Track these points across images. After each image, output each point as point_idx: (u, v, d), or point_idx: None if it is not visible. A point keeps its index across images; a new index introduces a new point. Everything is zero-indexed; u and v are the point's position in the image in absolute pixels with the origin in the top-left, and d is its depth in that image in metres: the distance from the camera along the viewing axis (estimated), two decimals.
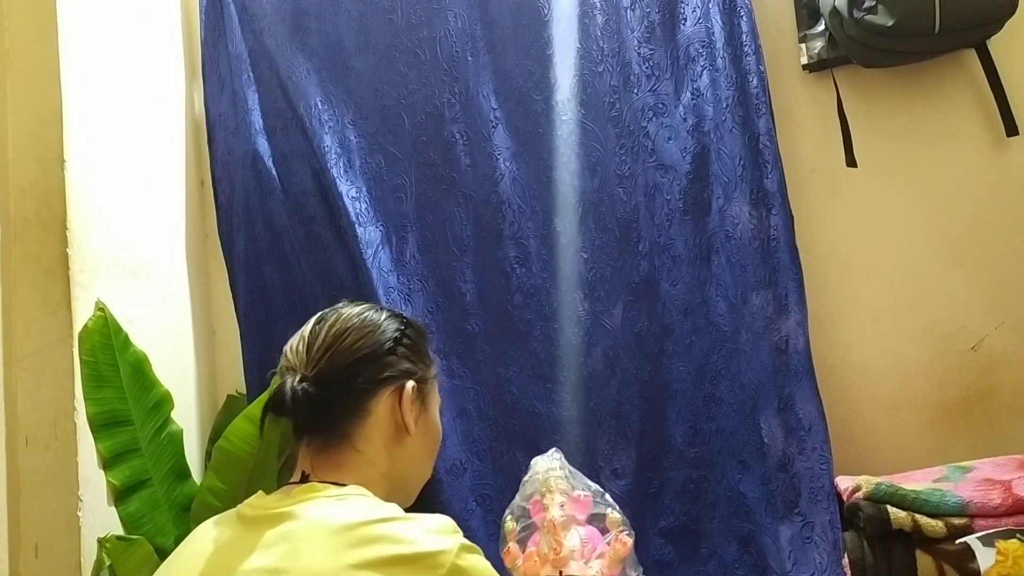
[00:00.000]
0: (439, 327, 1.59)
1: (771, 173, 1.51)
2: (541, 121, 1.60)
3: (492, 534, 1.50)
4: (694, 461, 1.51)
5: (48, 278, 1.33)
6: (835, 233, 1.60)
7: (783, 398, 1.48)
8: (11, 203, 1.34)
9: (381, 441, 0.96)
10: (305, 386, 0.91)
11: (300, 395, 0.90)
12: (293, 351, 0.97)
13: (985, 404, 1.52)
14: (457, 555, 0.81)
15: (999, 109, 1.51)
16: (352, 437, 0.94)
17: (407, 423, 0.98)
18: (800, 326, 1.49)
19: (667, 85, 1.57)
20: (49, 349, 1.32)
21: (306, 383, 0.91)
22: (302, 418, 0.92)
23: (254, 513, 0.88)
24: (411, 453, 1.01)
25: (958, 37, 1.45)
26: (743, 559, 1.46)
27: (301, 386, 0.90)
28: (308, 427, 0.94)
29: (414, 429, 0.99)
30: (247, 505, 0.91)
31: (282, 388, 0.91)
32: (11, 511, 1.27)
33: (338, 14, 1.71)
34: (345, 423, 0.94)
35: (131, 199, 1.55)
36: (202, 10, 1.78)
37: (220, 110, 1.75)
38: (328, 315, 1.01)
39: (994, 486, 1.28)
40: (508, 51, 1.63)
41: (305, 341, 0.97)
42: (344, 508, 0.85)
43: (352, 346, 0.96)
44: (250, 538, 0.83)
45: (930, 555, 1.23)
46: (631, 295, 1.55)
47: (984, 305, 1.53)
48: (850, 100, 1.58)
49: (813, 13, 1.59)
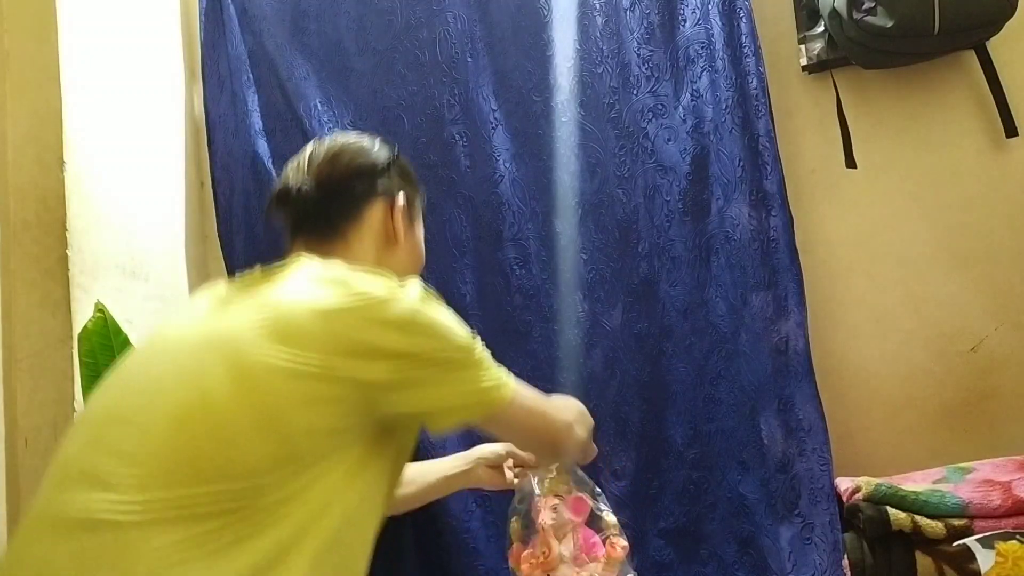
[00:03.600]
0: None
1: (771, 174, 1.51)
2: (541, 122, 1.60)
3: (492, 535, 1.50)
4: (694, 462, 1.51)
5: (48, 279, 1.33)
6: (835, 234, 1.60)
7: (783, 399, 1.48)
8: (11, 204, 1.34)
9: (372, 245, 1.02)
10: (306, 185, 1.01)
11: (303, 189, 1.01)
12: (293, 169, 1.05)
13: (985, 405, 1.52)
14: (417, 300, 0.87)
15: (998, 110, 1.51)
16: (346, 235, 1.01)
17: (396, 231, 1.04)
18: (800, 327, 1.49)
19: (667, 86, 1.57)
20: (49, 350, 1.31)
21: (307, 185, 1.01)
22: (301, 210, 1.01)
23: (239, 281, 0.94)
24: (397, 262, 1.04)
25: (957, 38, 1.45)
26: (743, 560, 1.46)
27: (303, 184, 1.01)
28: (305, 223, 1.02)
29: (402, 239, 1.05)
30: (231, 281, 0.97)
31: (286, 184, 1.02)
32: (11, 512, 1.27)
33: (338, 15, 1.71)
34: (340, 222, 1.01)
35: (131, 200, 1.55)
36: (202, 11, 1.78)
37: (220, 111, 1.75)
38: (324, 139, 1.09)
39: (994, 487, 1.27)
40: (508, 52, 1.63)
41: (306, 158, 1.05)
42: (326, 265, 0.92)
43: (350, 162, 1.05)
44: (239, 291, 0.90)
45: (930, 556, 1.23)
46: (631, 296, 1.55)
47: (984, 306, 1.53)
48: (850, 101, 1.58)
49: (812, 14, 1.59)
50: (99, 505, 0.72)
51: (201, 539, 0.71)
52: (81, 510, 0.73)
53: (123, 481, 0.73)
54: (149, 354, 0.89)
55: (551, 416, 0.97)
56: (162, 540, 0.70)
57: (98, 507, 0.72)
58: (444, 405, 0.87)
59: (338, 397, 0.80)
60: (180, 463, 0.74)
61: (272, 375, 0.78)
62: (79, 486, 0.75)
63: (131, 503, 0.72)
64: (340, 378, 0.80)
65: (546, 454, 1.00)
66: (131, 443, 0.76)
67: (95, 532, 0.71)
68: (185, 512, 0.72)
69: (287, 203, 1.03)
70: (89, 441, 0.80)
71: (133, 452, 0.75)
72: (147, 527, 0.71)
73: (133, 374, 0.87)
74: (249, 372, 0.78)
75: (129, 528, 0.71)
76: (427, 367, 0.85)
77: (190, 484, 0.73)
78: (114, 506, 0.72)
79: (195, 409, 0.77)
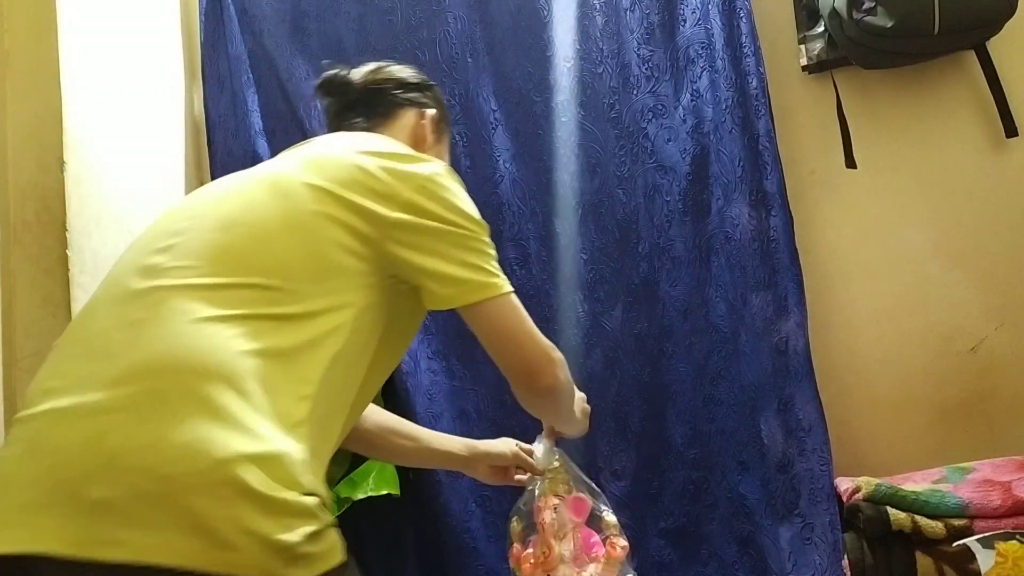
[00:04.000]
0: (439, 328, 1.59)
1: (771, 174, 1.51)
2: (541, 123, 1.60)
3: (492, 535, 1.50)
4: (694, 462, 1.51)
5: (48, 279, 1.33)
6: (835, 234, 1.60)
7: (783, 399, 1.48)
8: (11, 204, 1.34)
9: (402, 143, 1.05)
10: (351, 82, 1.12)
11: (347, 80, 1.12)
12: (342, 68, 1.15)
13: (984, 405, 1.52)
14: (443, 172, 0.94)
15: (998, 110, 1.51)
16: (379, 130, 1.08)
17: (425, 137, 1.11)
18: (800, 327, 1.49)
19: (667, 86, 1.57)
20: (48, 350, 1.31)
21: (351, 81, 1.12)
22: (343, 98, 1.12)
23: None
24: None
25: (957, 38, 1.45)
26: (743, 560, 1.46)
27: (348, 79, 1.12)
28: (344, 114, 1.11)
29: (429, 147, 1.10)
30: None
31: (333, 74, 1.13)
32: None
33: (338, 15, 1.71)
34: (376, 116, 1.10)
35: (131, 200, 1.55)
36: (202, 11, 1.78)
37: (220, 111, 1.75)
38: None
39: (994, 487, 1.28)
40: (508, 53, 1.63)
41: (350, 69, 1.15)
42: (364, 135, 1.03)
43: (391, 72, 1.15)
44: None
45: (930, 556, 1.23)
46: (631, 296, 1.55)
47: (983, 306, 1.53)
48: (849, 101, 1.58)
49: (812, 14, 1.59)
50: (147, 284, 0.81)
51: (232, 323, 0.78)
52: (132, 287, 0.82)
53: (172, 269, 0.81)
54: (189, 200, 0.98)
55: (538, 340, 0.95)
56: (196, 306, 0.78)
57: (146, 285, 0.81)
58: (444, 272, 0.89)
59: (355, 228, 0.87)
60: (224, 256, 0.82)
61: (303, 190, 0.87)
62: (132, 278, 0.83)
63: (178, 280, 0.80)
64: (358, 208, 0.87)
65: (519, 380, 0.95)
66: (180, 245, 0.84)
67: (142, 297, 0.80)
68: (222, 298, 0.79)
69: (330, 92, 1.14)
70: (138, 254, 0.87)
71: (182, 248, 0.84)
72: (186, 294, 0.79)
73: (175, 210, 0.94)
74: (285, 188, 0.88)
75: (172, 293, 0.79)
76: (437, 226, 0.90)
77: (231, 274, 0.81)
78: (161, 282, 0.80)
79: (237, 215, 0.86)
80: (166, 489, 0.67)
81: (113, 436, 0.70)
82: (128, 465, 0.68)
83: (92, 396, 0.72)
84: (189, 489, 0.67)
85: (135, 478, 0.67)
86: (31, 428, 0.75)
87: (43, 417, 0.74)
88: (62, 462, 0.70)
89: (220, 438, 0.69)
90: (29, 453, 0.73)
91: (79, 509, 0.67)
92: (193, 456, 0.68)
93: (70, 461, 0.69)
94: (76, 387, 0.74)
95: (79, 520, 0.67)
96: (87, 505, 0.67)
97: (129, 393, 0.72)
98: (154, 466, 0.68)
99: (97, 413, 0.71)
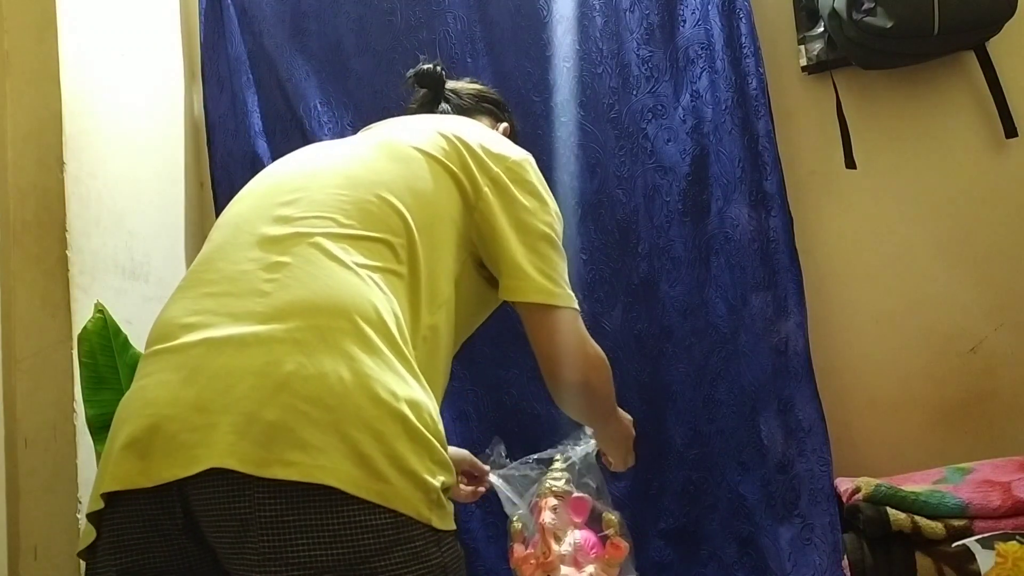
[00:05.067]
0: None
1: (770, 175, 1.51)
2: (541, 123, 1.60)
3: (492, 535, 1.50)
4: (694, 463, 1.51)
5: (47, 280, 1.33)
6: (834, 235, 1.60)
7: (783, 400, 1.48)
8: (11, 205, 1.34)
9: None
10: (444, 75, 1.21)
11: (440, 75, 1.20)
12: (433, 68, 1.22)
13: (984, 406, 1.52)
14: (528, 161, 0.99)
15: (998, 111, 1.51)
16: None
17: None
18: (799, 328, 1.49)
19: (666, 87, 1.57)
20: (48, 351, 1.31)
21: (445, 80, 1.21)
22: (433, 88, 1.20)
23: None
24: None
25: (957, 39, 1.45)
26: (743, 561, 1.46)
27: (442, 74, 1.20)
28: (430, 104, 1.20)
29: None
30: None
31: (431, 68, 1.21)
32: (10, 513, 1.27)
33: (337, 16, 1.71)
34: (457, 112, 1.17)
35: (130, 201, 1.55)
36: (202, 12, 1.78)
37: (220, 112, 1.75)
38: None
39: (993, 488, 1.27)
40: (507, 53, 1.63)
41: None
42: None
43: (479, 87, 1.24)
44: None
45: (930, 557, 1.23)
46: (630, 297, 1.55)
47: (983, 307, 1.53)
48: (849, 102, 1.58)
49: (812, 15, 1.59)
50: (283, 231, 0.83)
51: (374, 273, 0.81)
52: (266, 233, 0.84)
53: (305, 219, 0.84)
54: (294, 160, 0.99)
55: (592, 347, 0.98)
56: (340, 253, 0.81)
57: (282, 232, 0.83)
58: (514, 260, 0.92)
59: (456, 199, 0.92)
60: (355, 210, 0.85)
61: (416, 154, 0.92)
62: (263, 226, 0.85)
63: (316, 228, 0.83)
64: (457, 178, 0.92)
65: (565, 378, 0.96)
66: (307, 199, 0.86)
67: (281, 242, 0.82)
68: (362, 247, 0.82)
69: (426, 83, 1.20)
70: (259, 206, 0.89)
71: (310, 201, 0.86)
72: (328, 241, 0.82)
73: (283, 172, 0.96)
74: (399, 153, 0.93)
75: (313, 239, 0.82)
76: (516, 205, 0.94)
77: (365, 227, 0.84)
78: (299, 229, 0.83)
79: (361, 174, 0.90)
80: (335, 418, 0.70)
81: (286, 364, 0.72)
82: (300, 393, 0.71)
83: (253, 328, 0.75)
84: (355, 421, 0.71)
85: (306, 406, 0.70)
86: (187, 356, 0.76)
87: (200, 346, 0.76)
88: (236, 384, 0.72)
89: (380, 377, 0.74)
90: (192, 377, 0.74)
91: (255, 429, 0.70)
92: (359, 391, 0.72)
93: (245, 383, 0.72)
94: (230, 321, 0.77)
95: (254, 438, 0.69)
96: (262, 425, 0.69)
97: (292, 327, 0.74)
98: (323, 396, 0.71)
99: (266, 342, 0.74)
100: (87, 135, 1.43)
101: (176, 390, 0.74)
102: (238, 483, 0.68)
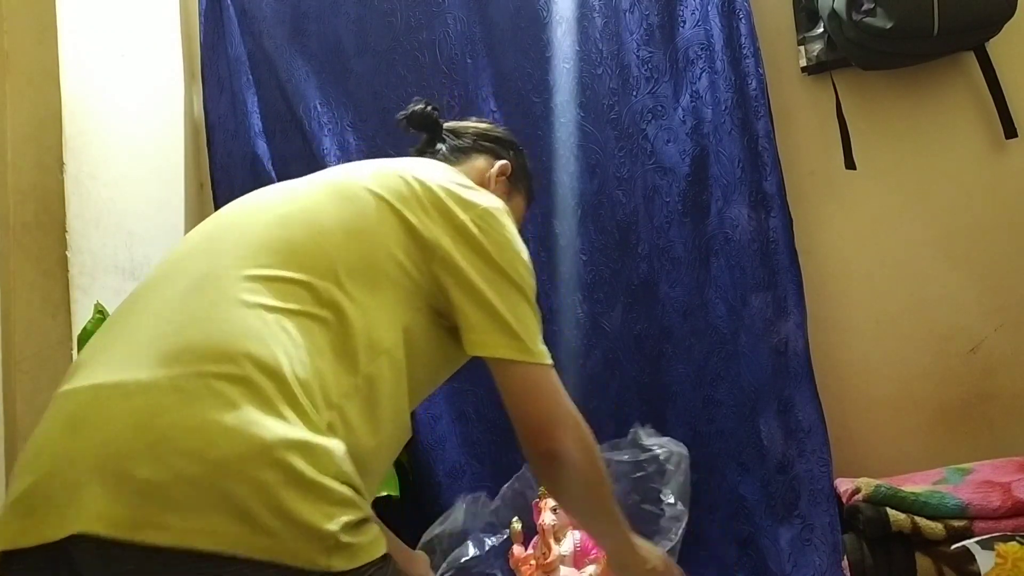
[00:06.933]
0: None
1: (770, 175, 1.51)
2: (540, 123, 1.60)
3: None
4: (693, 463, 1.50)
5: (47, 280, 1.33)
6: (834, 235, 1.60)
7: (782, 400, 1.48)
8: (11, 206, 1.34)
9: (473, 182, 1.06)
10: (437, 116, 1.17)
11: (433, 116, 1.16)
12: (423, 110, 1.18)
13: (984, 406, 1.52)
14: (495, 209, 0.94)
15: (998, 111, 1.51)
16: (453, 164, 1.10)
17: (489, 181, 1.12)
18: (799, 328, 1.49)
19: (666, 87, 1.57)
20: (48, 351, 1.31)
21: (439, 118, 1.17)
22: (426, 130, 1.16)
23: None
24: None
25: (957, 39, 1.45)
26: (743, 561, 1.46)
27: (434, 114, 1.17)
28: (426, 143, 1.16)
29: (493, 187, 1.11)
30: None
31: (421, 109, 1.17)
32: None
33: (337, 16, 1.71)
34: (452, 153, 1.14)
35: (131, 201, 1.55)
36: (202, 13, 1.78)
37: (219, 112, 1.75)
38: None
39: (993, 488, 1.27)
40: (507, 54, 1.63)
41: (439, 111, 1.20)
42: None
43: (482, 126, 1.20)
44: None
45: (930, 557, 1.23)
46: (630, 297, 1.55)
47: (983, 307, 1.53)
48: (849, 102, 1.58)
49: (812, 15, 1.59)
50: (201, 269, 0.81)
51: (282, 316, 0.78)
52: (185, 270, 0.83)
53: (226, 257, 0.82)
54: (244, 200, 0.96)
55: (566, 406, 0.90)
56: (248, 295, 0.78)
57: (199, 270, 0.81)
58: (480, 313, 0.87)
59: (406, 244, 0.87)
60: (280, 249, 0.82)
61: (364, 194, 0.88)
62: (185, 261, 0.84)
63: (232, 269, 0.80)
64: (410, 225, 0.87)
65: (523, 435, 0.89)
66: (236, 237, 0.85)
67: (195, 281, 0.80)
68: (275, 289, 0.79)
69: (417, 125, 1.17)
70: (194, 241, 0.88)
71: (238, 239, 0.84)
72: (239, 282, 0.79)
73: (229, 209, 0.94)
74: (346, 191, 0.89)
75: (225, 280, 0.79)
76: (483, 259, 0.89)
77: (285, 267, 0.81)
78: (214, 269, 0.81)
79: (295, 212, 0.87)
80: (211, 473, 0.67)
81: (162, 417, 0.69)
82: (179, 447, 0.68)
83: (138, 375, 0.72)
84: (234, 474, 0.67)
85: (183, 462, 0.67)
86: (73, 402, 0.74)
87: (87, 392, 0.73)
88: (110, 439, 0.69)
89: (266, 424, 0.69)
90: (75, 429, 0.71)
91: (127, 488, 0.66)
92: (239, 440, 0.68)
93: (118, 438, 0.69)
94: (121, 364, 0.74)
95: (125, 500, 0.66)
96: (136, 484, 0.66)
97: (177, 375, 0.71)
98: (201, 449, 0.67)
99: (149, 390, 0.71)
100: (87, 136, 1.43)
101: (58, 443, 0.72)
102: (110, 547, 0.65)
